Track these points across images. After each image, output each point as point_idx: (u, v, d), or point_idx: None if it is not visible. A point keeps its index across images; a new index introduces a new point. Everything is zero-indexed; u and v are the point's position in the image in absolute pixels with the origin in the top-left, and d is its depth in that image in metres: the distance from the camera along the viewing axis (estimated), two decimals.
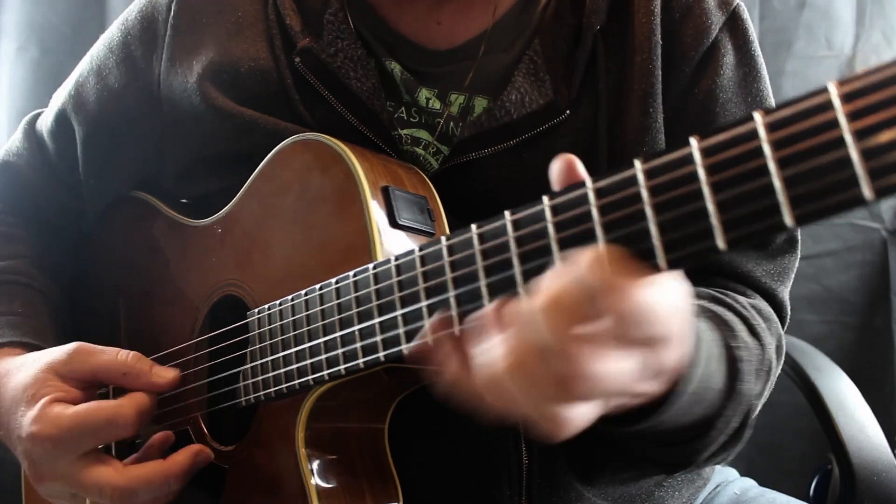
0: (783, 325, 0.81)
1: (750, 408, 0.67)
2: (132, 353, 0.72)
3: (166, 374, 0.72)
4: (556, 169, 0.50)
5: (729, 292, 0.76)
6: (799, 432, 1.58)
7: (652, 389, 0.52)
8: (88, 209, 0.94)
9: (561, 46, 0.77)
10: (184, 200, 0.92)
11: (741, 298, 0.76)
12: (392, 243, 0.65)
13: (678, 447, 0.66)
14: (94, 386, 0.73)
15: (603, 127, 0.75)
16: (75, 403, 0.69)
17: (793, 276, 0.83)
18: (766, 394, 0.74)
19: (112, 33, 0.91)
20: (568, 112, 0.75)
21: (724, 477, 0.97)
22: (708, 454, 0.67)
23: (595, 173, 0.47)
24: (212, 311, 0.80)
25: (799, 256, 0.84)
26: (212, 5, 0.85)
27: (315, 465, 0.68)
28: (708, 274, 0.78)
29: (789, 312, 0.83)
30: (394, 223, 0.66)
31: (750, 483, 0.99)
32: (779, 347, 0.76)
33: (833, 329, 1.61)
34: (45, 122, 0.95)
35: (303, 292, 0.67)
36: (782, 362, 0.78)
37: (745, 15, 0.82)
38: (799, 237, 0.83)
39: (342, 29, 0.79)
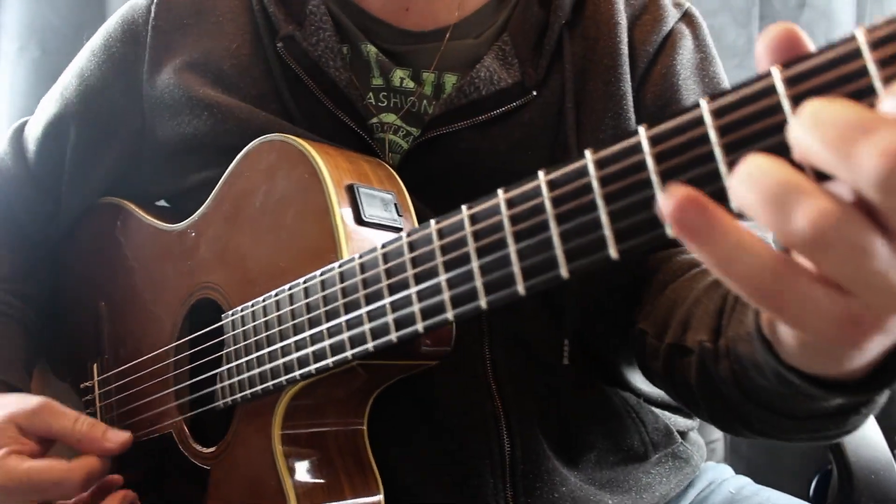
0: None
1: None
2: (88, 420, 0.74)
3: (117, 439, 0.74)
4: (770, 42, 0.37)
5: None
6: None
7: None
8: (64, 212, 0.92)
9: (529, 36, 0.79)
10: (161, 203, 0.90)
11: None
12: (359, 241, 0.63)
13: (856, 414, 0.53)
14: (51, 442, 0.74)
15: (570, 102, 0.76)
16: (33, 456, 0.72)
17: None
18: None
19: (94, 40, 0.90)
20: (535, 93, 0.76)
21: (719, 474, 0.94)
22: (866, 420, 0.54)
23: (562, 146, 0.42)
24: (190, 315, 0.78)
25: None
26: (191, 5, 0.84)
27: (292, 462, 0.66)
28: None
29: None
30: (359, 220, 0.64)
31: (745, 481, 0.96)
32: None
33: None
34: (31, 128, 0.93)
35: (273, 293, 0.65)
36: None
37: (697, 13, 0.86)
38: None
39: (323, 20, 0.79)
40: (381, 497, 0.70)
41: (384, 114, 0.79)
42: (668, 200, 0.35)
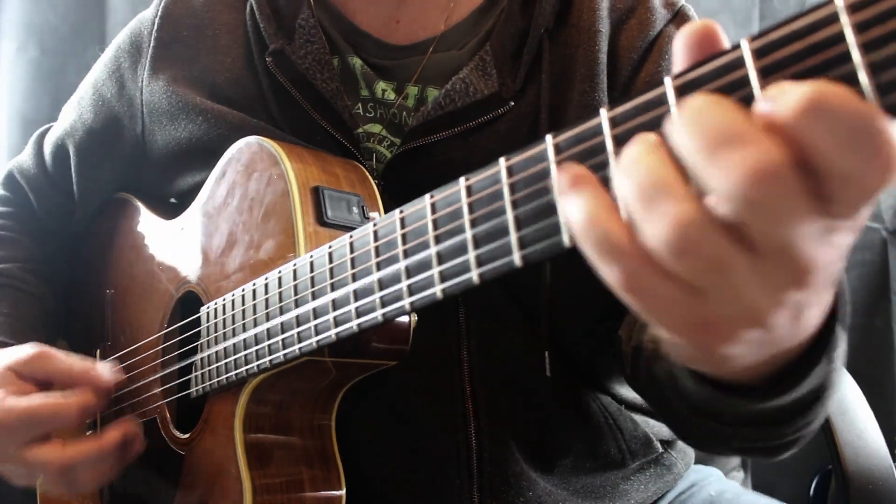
0: None
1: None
2: (78, 360, 0.75)
3: (106, 371, 0.74)
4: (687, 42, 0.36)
5: None
6: None
7: (812, 321, 0.39)
8: (79, 209, 0.96)
9: (509, 46, 0.77)
10: (172, 200, 0.93)
11: None
12: (319, 241, 0.64)
13: (790, 422, 0.51)
14: (48, 385, 0.76)
15: (545, 112, 0.75)
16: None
17: None
18: None
19: (108, 50, 0.94)
20: (512, 103, 0.75)
21: (703, 477, 0.91)
22: (818, 423, 0.53)
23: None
24: (180, 306, 0.80)
25: None
26: (191, 19, 0.86)
27: (252, 452, 0.67)
28: None
29: None
30: (321, 221, 0.65)
31: (730, 485, 0.92)
32: None
33: None
34: (51, 136, 0.98)
35: (240, 289, 0.67)
36: None
37: (692, 13, 0.81)
38: None
39: (312, 33, 0.80)
40: (343, 492, 0.71)
41: (371, 124, 0.79)
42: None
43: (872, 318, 1.50)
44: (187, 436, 0.75)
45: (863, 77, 0.31)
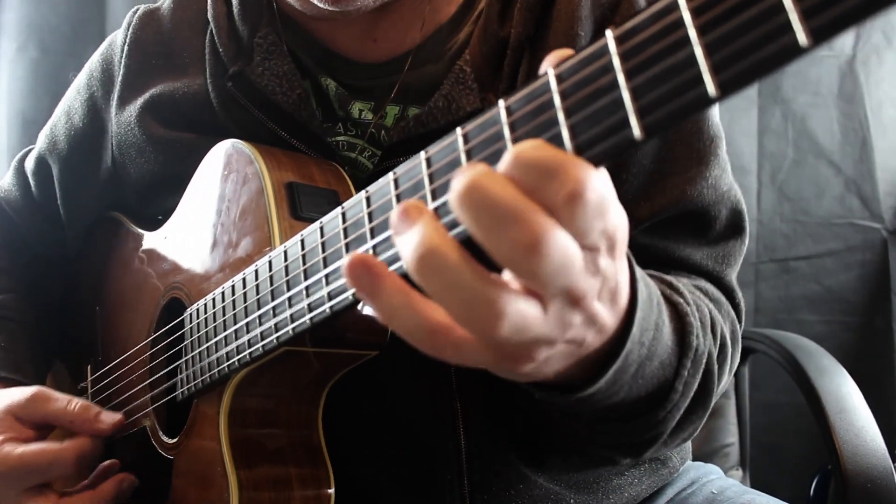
0: (737, 313, 0.73)
1: (709, 370, 0.59)
2: (81, 402, 0.76)
3: (109, 419, 0.75)
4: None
5: (665, 275, 0.67)
6: (800, 433, 1.47)
7: (608, 322, 0.45)
8: (69, 235, 0.97)
9: (489, 58, 0.74)
10: (159, 217, 0.94)
11: (682, 279, 0.69)
12: (294, 234, 0.64)
13: (638, 420, 0.57)
14: (47, 427, 0.77)
15: None
16: (28, 442, 0.73)
17: (739, 261, 0.76)
18: (726, 382, 0.66)
19: (81, 75, 0.94)
20: None
21: (703, 474, 0.90)
22: (673, 424, 0.59)
23: None
24: (167, 313, 0.80)
25: (746, 243, 0.77)
26: (160, 45, 0.85)
27: (238, 452, 0.67)
28: (641, 265, 0.73)
29: (741, 299, 0.75)
30: (296, 216, 0.65)
31: (731, 482, 0.90)
32: (733, 332, 0.69)
33: (833, 329, 1.51)
34: (30, 162, 0.98)
35: (220, 288, 0.67)
36: (739, 353, 0.70)
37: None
38: (745, 224, 0.76)
39: (271, 50, 0.78)
40: (332, 490, 0.70)
41: (351, 137, 0.78)
42: (345, 260, 0.41)
43: (872, 318, 1.49)
44: (175, 440, 0.75)
45: (787, 2, 0.31)
